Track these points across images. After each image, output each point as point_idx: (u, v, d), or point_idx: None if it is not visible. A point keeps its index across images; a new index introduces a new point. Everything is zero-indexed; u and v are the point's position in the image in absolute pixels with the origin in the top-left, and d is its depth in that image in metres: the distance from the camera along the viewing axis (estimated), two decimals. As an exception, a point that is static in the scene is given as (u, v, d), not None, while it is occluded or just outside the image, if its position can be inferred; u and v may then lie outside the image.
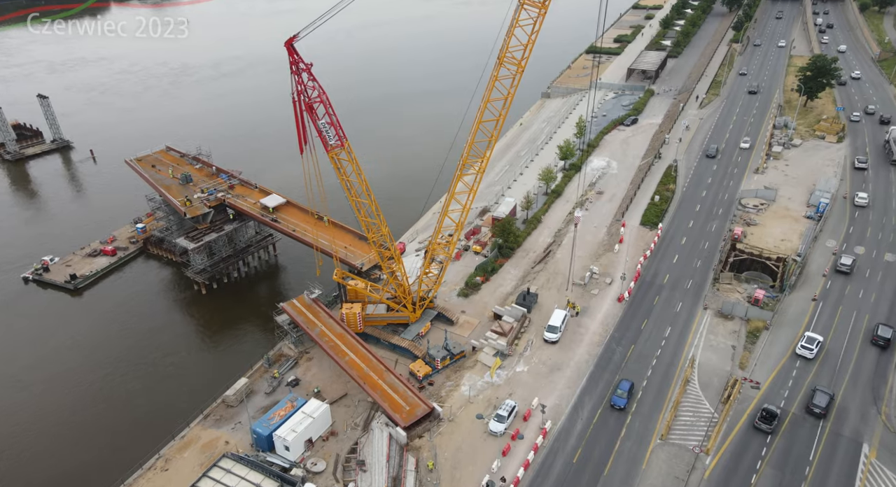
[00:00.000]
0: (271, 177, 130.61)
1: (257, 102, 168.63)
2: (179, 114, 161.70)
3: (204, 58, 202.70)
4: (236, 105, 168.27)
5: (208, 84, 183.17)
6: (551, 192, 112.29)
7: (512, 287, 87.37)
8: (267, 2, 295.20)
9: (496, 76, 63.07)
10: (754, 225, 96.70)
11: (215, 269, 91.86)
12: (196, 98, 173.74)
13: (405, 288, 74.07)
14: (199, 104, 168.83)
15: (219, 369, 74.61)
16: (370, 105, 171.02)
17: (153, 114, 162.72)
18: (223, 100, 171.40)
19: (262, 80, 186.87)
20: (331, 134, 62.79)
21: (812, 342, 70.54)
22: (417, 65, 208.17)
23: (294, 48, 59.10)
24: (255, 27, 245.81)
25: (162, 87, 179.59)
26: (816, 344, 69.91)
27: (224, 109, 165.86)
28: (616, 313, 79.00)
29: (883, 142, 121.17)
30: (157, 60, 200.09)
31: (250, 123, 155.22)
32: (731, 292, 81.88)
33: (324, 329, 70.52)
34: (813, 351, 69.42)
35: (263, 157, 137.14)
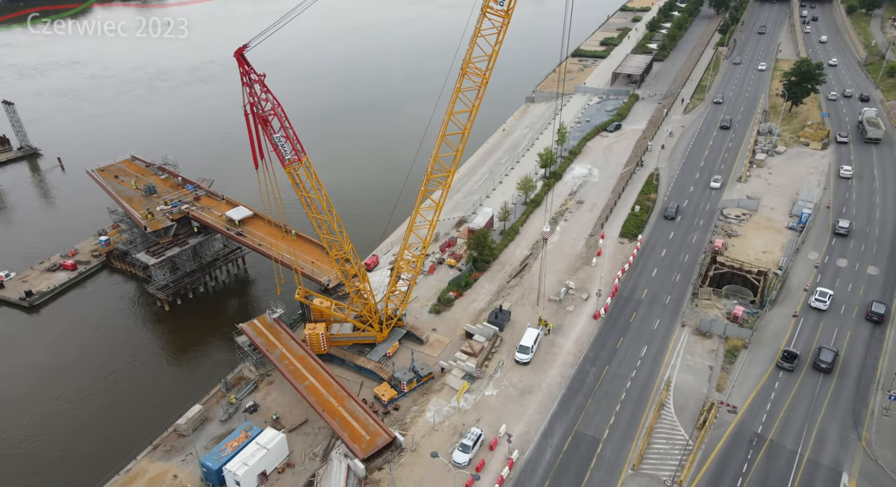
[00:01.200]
0: (244, 186, 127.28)
1: (232, 108, 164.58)
2: (152, 120, 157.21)
3: (181, 62, 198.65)
4: (210, 111, 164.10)
5: (183, 89, 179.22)
6: (530, 202, 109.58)
7: (486, 302, 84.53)
8: (250, 4, 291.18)
9: (459, 88, 60.22)
10: (736, 236, 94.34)
11: (179, 285, 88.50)
12: (170, 104, 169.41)
13: (371, 307, 71.10)
14: (173, 110, 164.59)
15: (175, 393, 71.19)
16: (353, 108, 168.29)
17: (124, 120, 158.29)
18: (197, 105, 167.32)
19: (238, 86, 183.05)
20: (287, 148, 59.74)
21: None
22: (401, 66, 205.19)
23: (244, 58, 56.11)
24: (235, 30, 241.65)
25: (135, 93, 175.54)
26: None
27: (198, 115, 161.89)
28: (591, 331, 76.31)
29: (857, 122, 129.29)
30: (132, 65, 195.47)
31: (224, 130, 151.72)
32: (711, 308, 79.39)
33: (284, 351, 67.44)
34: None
35: (237, 166, 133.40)
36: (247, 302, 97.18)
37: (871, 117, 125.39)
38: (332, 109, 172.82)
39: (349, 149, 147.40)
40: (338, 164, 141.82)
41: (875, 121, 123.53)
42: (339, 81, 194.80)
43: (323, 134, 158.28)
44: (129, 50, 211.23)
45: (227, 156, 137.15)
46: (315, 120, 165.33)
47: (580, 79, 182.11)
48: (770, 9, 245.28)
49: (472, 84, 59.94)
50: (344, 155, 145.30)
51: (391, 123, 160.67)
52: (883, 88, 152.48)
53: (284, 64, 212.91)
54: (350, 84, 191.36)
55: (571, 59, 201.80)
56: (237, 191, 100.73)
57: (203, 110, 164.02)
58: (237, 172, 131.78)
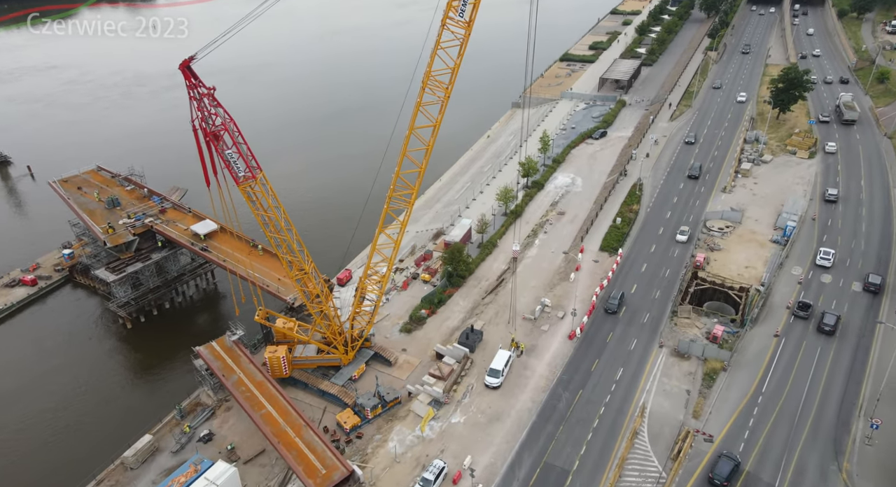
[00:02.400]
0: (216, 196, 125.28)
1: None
2: (128, 127, 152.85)
3: (162, 66, 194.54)
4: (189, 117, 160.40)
5: (162, 95, 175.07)
6: (510, 213, 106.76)
7: (460, 320, 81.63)
8: (246, 5, 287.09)
9: (420, 102, 57.34)
10: (718, 250, 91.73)
11: (142, 301, 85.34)
12: (147, 110, 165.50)
13: (335, 329, 68.15)
14: (150, 116, 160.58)
15: (128, 421, 67.78)
16: (343, 111, 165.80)
17: (99, 127, 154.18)
18: (176, 111, 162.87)
19: (218, 92, 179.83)
20: (240, 165, 56.79)
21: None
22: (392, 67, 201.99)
23: (191, 71, 53.16)
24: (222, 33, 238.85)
25: (111, 98, 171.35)
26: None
27: (176, 122, 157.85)
28: (566, 352, 73.51)
29: (835, 106, 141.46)
30: (111, 69, 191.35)
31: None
32: (690, 327, 76.72)
33: (242, 376, 64.45)
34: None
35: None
36: (215, 319, 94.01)
37: (847, 101, 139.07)
38: (320, 112, 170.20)
39: (335, 153, 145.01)
40: (322, 168, 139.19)
41: (851, 105, 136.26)
42: (328, 84, 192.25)
43: (309, 137, 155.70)
44: (111, 53, 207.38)
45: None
46: (300, 123, 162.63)
47: (568, 84, 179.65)
48: (759, 19, 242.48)
49: (434, 98, 57.09)
50: (328, 158, 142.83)
51: (381, 125, 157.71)
52: (872, 94, 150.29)
53: (272, 67, 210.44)
54: (339, 86, 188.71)
55: (559, 64, 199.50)
56: (207, 202, 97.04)
57: (182, 116, 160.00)
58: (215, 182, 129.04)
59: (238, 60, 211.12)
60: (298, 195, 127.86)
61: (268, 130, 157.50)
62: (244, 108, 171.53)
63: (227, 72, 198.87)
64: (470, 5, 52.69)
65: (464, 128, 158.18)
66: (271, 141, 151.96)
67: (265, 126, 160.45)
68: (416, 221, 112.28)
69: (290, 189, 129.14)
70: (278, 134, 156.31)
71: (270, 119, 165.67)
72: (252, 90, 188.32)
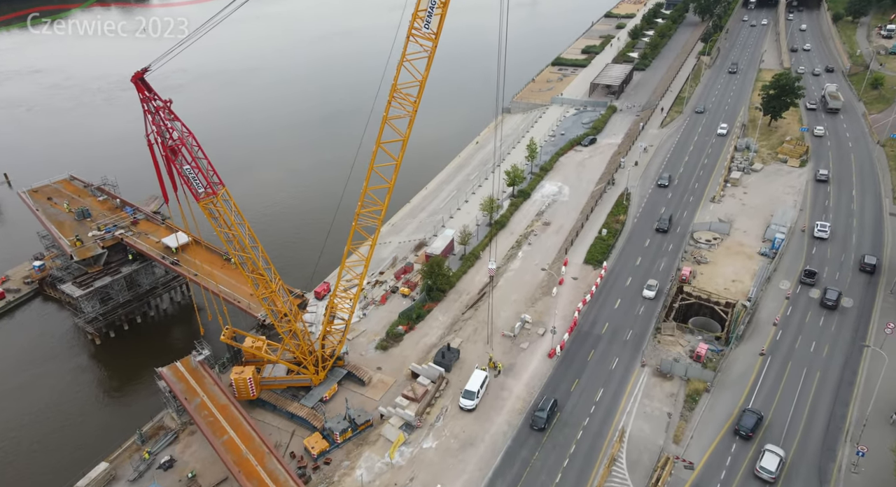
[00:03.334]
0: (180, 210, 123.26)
1: (197, 120, 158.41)
2: (106, 134, 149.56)
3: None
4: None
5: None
6: (494, 223, 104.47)
7: (438, 337, 79.31)
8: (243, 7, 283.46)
9: (387, 117, 55.03)
10: (705, 263, 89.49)
11: (112, 316, 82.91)
12: (129, 116, 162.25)
13: (304, 349, 65.80)
14: (131, 122, 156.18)
15: (87, 445, 65.35)
16: (334, 114, 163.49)
17: (78, 134, 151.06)
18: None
19: (203, 96, 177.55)
20: (199, 182, 54.48)
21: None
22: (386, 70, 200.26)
23: (144, 83, 50.85)
24: (213, 36, 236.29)
25: (94, 104, 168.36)
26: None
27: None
28: (545, 371, 71.21)
29: (821, 96, 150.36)
30: (95, 73, 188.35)
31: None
32: (674, 345, 74.45)
33: (205, 400, 62.06)
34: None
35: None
36: (190, 333, 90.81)
37: (832, 91, 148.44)
38: (313, 115, 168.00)
39: (323, 157, 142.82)
40: (309, 173, 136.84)
41: (835, 95, 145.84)
42: (320, 87, 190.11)
43: (298, 141, 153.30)
44: (101, 55, 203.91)
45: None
46: (291, 127, 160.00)
47: (559, 88, 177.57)
48: (753, 24, 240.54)
49: (401, 112, 54.80)
50: (316, 163, 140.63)
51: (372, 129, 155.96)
52: (866, 100, 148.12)
53: (263, 71, 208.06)
54: (332, 89, 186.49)
55: (551, 68, 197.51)
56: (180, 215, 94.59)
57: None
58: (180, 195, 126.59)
59: (227, 64, 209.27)
60: (280, 201, 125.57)
61: (255, 135, 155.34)
62: (232, 112, 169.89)
63: (213, 76, 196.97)
64: (436, 16, 50.42)
65: (452, 133, 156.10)
66: (258, 145, 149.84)
67: (253, 130, 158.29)
68: (399, 231, 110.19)
69: (271, 195, 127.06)
70: (265, 138, 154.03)
71: (259, 122, 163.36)
72: (240, 94, 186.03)
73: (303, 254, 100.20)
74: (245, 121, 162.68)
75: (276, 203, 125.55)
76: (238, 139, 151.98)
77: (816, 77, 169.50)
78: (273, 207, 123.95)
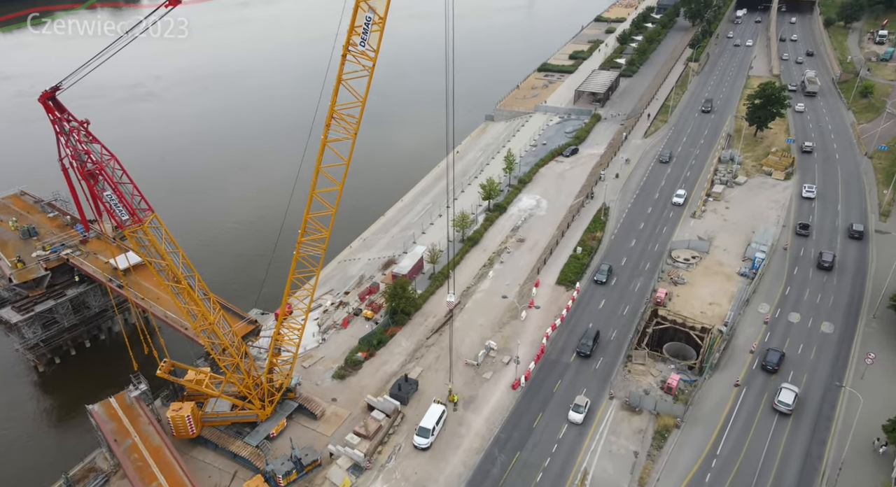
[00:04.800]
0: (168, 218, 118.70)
1: (169, 132, 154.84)
2: None
3: (123, 76, 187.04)
4: (144, 134, 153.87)
5: (116, 108, 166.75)
6: (467, 240, 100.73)
7: (399, 364, 75.44)
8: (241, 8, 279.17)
9: (326, 140, 51.21)
10: (682, 284, 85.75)
11: (57, 341, 78.87)
12: (96, 125, 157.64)
13: (248, 383, 61.89)
14: (98, 132, 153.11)
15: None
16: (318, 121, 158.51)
17: (41, 145, 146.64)
18: (128, 128, 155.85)
19: (176, 105, 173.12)
20: (121, 209, 50.64)
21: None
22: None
23: (55, 103, 47.09)
24: (194, 41, 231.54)
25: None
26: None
27: (125, 139, 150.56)
28: (508, 405, 67.36)
29: (801, 81, 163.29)
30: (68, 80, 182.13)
31: (158, 153, 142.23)
32: (645, 375, 70.66)
33: (136, 440, 58.14)
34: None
35: (167, 196, 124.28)
36: (143, 359, 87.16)
37: (810, 77, 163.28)
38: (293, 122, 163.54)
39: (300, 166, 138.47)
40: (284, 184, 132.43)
41: (813, 80, 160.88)
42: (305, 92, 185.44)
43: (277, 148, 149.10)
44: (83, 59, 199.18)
45: (159, 185, 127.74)
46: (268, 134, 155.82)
47: (544, 95, 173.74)
48: (744, 28, 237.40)
49: (342, 135, 50.98)
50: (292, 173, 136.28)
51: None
52: (855, 109, 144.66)
53: (252, 73, 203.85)
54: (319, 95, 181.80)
55: (537, 74, 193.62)
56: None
57: (134, 135, 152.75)
58: (166, 202, 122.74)
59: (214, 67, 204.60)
60: (253, 212, 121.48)
61: (233, 141, 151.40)
62: (213, 117, 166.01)
63: (186, 83, 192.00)
64: (375, 32, 46.62)
65: (431, 143, 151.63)
66: (237, 153, 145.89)
67: (232, 134, 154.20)
68: (371, 247, 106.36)
69: (243, 207, 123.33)
70: (244, 146, 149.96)
71: (240, 128, 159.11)
72: (222, 98, 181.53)
73: (274, 271, 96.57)
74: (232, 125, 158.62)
75: (248, 214, 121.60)
76: (217, 144, 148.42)
77: (799, 64, 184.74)
78: (245, 219, 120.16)
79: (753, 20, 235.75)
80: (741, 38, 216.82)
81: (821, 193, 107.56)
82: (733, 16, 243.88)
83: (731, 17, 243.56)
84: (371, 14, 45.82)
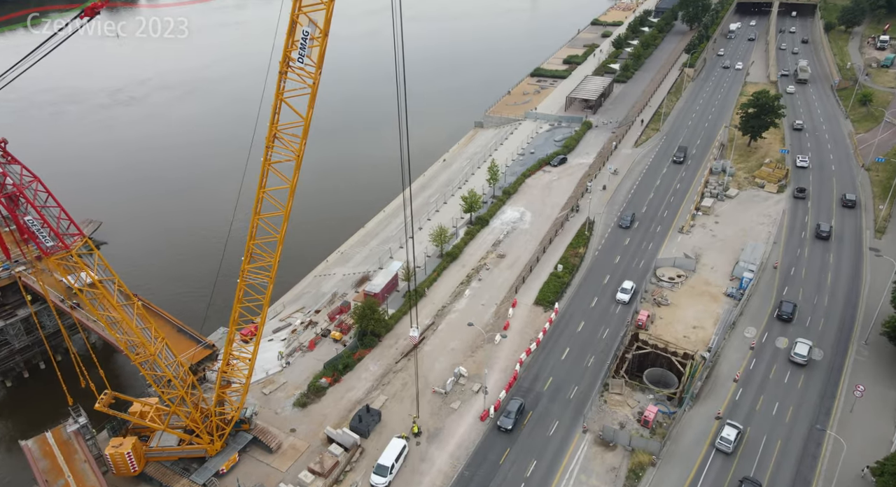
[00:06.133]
0: (138, 230, 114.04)
1: (151, 137, 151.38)
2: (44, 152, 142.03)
3: (106, 81, 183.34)
4: (124, 141, 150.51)
5: (93, 115, 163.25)
6: (446, 255, 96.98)
7: (365, 391, 71.71)
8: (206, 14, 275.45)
9: (269, 160, 47.51)
10: (666, 305, 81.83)
11: (8, 364, 75.36)
12: (72, 132, 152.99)
13: (195, 417, 58.21)
14: (73, 140, 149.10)
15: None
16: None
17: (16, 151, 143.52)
18: (104, 134, 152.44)
19: (160, 110, 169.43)
20: (45, 235, 47.15)
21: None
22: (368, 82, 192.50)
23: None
24: (185, 45, 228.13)
25: (41, 118, 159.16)
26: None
27: (99, 146, 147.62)
28: (475, 438, 63.54)
29: (794, 70, 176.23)
30: (44, 85, 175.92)
31: (134, 159, 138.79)
32: (622, 405, 66.77)
33: (70, 481, 54.45)
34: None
35: (139, 206, 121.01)
36: (100, 383, 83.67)
37: (802, 66, 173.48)
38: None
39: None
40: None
41: (805, 69, 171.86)
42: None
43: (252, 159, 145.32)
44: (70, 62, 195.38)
45: (132, 195, 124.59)
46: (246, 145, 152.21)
47: (536, 101, 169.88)
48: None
49: (284, 157, 47.32)
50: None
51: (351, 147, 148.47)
52: (854, 118, 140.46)
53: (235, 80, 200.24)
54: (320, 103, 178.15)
55: (529, 79, 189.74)
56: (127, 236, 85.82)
57: (112, 139, 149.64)
58: (138, 212, 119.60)
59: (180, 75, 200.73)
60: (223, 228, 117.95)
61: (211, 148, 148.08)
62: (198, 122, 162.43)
63: (172, 88, 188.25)
64: (313, 47, 42.92)
65: (417, 151, 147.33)
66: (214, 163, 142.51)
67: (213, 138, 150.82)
68: (347, 261, 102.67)
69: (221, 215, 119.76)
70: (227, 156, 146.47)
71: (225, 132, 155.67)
72: (211, 104, 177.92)
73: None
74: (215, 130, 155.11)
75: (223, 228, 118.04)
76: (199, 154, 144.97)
77: (795, 54, 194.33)
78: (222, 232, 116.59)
79: (747, 37, 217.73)
80: (732, 57, 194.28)
81: (814, 206, 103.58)
82: (726, 29, 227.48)
83: (724, 29, 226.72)
84: (310, 28, 42.12)
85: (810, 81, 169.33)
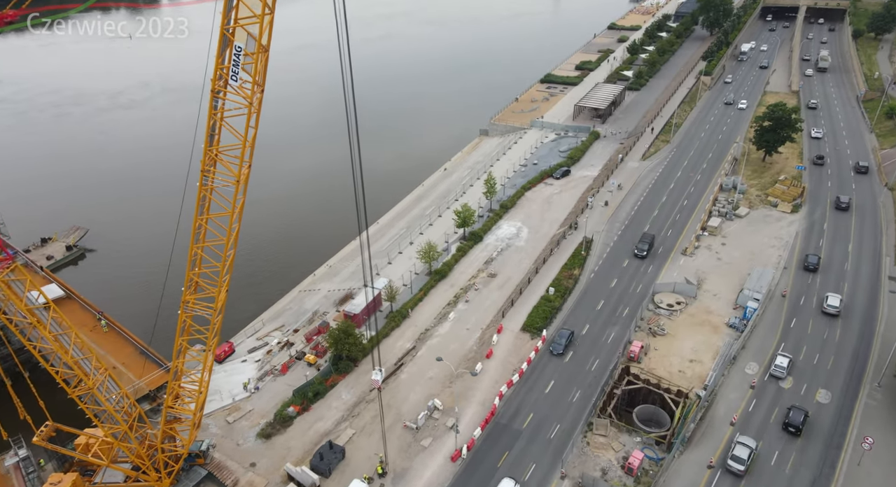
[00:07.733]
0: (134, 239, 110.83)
1: (150, 140, 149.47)
2: (41, 156, 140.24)
3: (108, 83, 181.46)
4: (121, 144, 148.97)
5: (95, 118, 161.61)
6: (434, 273, 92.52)
7: (334, 422, 67.54)
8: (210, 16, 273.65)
9: (211, 186, 43.59)
10: (662, 335, 76.32)
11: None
12: (71, 134, 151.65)
13: (140, 453, 54.58)
14: (72, 143, 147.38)
15: None
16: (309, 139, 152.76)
17: (10, 156, 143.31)
18: (102, 138, 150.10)
19: (161, 114, 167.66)
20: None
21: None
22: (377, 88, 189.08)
23: None
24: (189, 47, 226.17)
25: (41, 120, 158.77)
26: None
27: (97, 150, 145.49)
28: (444, 480, 58.94)
29: (816, 59, 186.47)
30: (50, 87, 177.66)
31: (133, 161, 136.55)
32: (605, 449, 61.58)
33: (3, 521, 51.36)
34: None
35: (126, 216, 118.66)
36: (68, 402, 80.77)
37: (823, 56, 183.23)
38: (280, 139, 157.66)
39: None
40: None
41: (826, 58, 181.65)
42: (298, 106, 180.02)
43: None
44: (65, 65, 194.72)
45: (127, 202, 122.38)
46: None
47: (544, 109, 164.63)
48: (768, 36, 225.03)
49: (223, 182, 43.33)
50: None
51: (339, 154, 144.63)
52: (879, 132, 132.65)
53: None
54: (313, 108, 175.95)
55: (538, 86, 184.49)
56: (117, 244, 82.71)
57: (107, 143, 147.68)
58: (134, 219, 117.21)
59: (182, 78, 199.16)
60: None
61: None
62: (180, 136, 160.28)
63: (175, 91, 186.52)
64: (249, 64, 38.80)
65: (418, 160, 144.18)
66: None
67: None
68: (335, 276, 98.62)
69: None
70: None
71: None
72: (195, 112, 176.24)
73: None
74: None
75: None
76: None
77: (821, 72, 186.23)
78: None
79: (758, 65, 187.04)
80: (735, 92, 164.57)
81: (830, 229, 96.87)
82: (737, 50, 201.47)
83: (735, 51, 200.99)
84: (243, 44, 38.04)
85: (830, 70, 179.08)
